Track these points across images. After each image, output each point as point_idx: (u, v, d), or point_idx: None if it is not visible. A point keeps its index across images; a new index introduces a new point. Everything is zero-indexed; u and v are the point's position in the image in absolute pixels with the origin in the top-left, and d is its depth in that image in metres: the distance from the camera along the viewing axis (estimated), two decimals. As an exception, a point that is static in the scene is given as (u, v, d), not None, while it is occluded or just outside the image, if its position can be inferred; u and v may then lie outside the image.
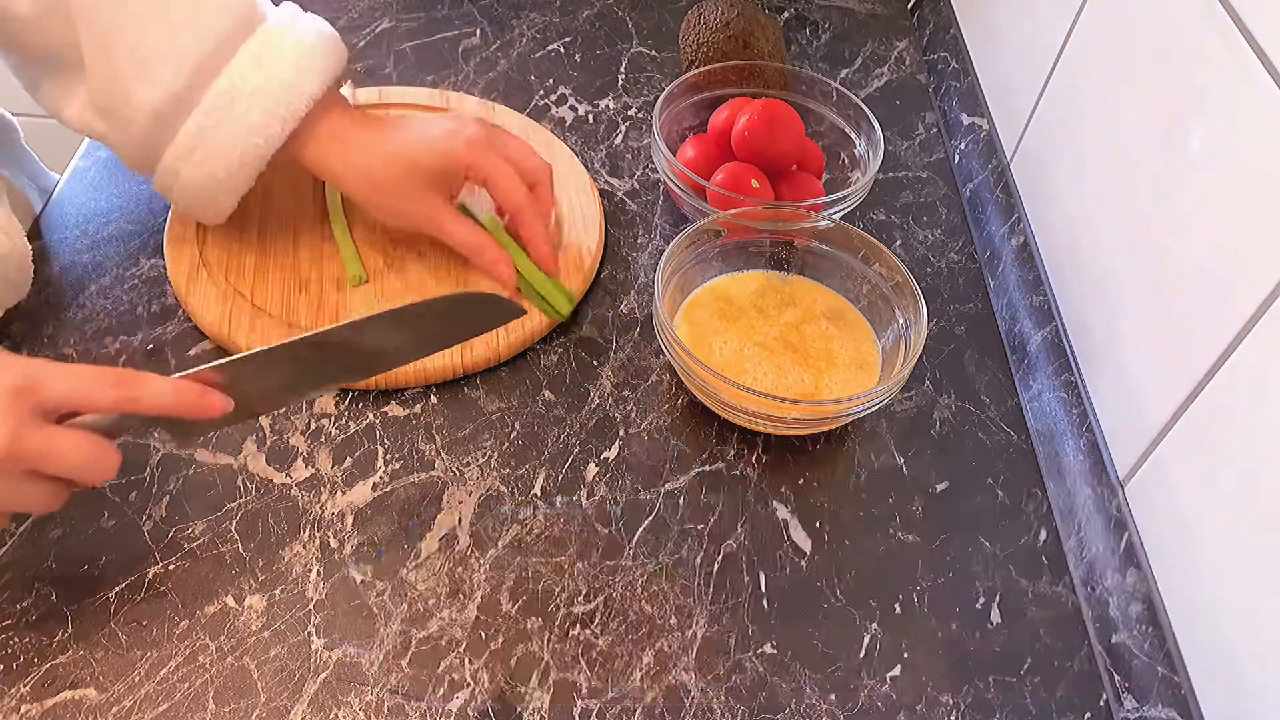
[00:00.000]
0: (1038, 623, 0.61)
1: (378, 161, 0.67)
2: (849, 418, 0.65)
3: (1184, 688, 0.53)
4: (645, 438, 0.67)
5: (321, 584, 0.58)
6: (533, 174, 0.70)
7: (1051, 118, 0.77)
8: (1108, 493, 0.62)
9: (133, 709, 0.52)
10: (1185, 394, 0.57)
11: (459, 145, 0.67)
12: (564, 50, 0.96)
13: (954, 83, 0.94)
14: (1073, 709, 0.57)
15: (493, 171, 0.68)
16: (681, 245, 0.69)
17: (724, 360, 0.68)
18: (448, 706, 0.54)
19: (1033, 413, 0.71)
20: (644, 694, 0.55)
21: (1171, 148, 0.60)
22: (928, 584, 0.62)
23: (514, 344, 0.69)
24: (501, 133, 0.70)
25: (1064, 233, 0.74)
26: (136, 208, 0.76)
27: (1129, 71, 0.66)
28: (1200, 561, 0.54)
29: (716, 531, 0.63)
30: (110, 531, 0.59)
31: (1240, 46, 0.54)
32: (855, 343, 0.71)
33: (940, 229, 0.83)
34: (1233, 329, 0.53)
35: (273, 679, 0.54)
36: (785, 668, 0.57)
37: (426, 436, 0.65)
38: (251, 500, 0.61)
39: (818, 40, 1.01)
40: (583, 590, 0.59)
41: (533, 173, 0.70)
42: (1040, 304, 0.73)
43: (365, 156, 0.67)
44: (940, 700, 0.57)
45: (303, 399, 0.66)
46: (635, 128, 0.89)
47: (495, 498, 0.63)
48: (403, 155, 0.67)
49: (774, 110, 0.77)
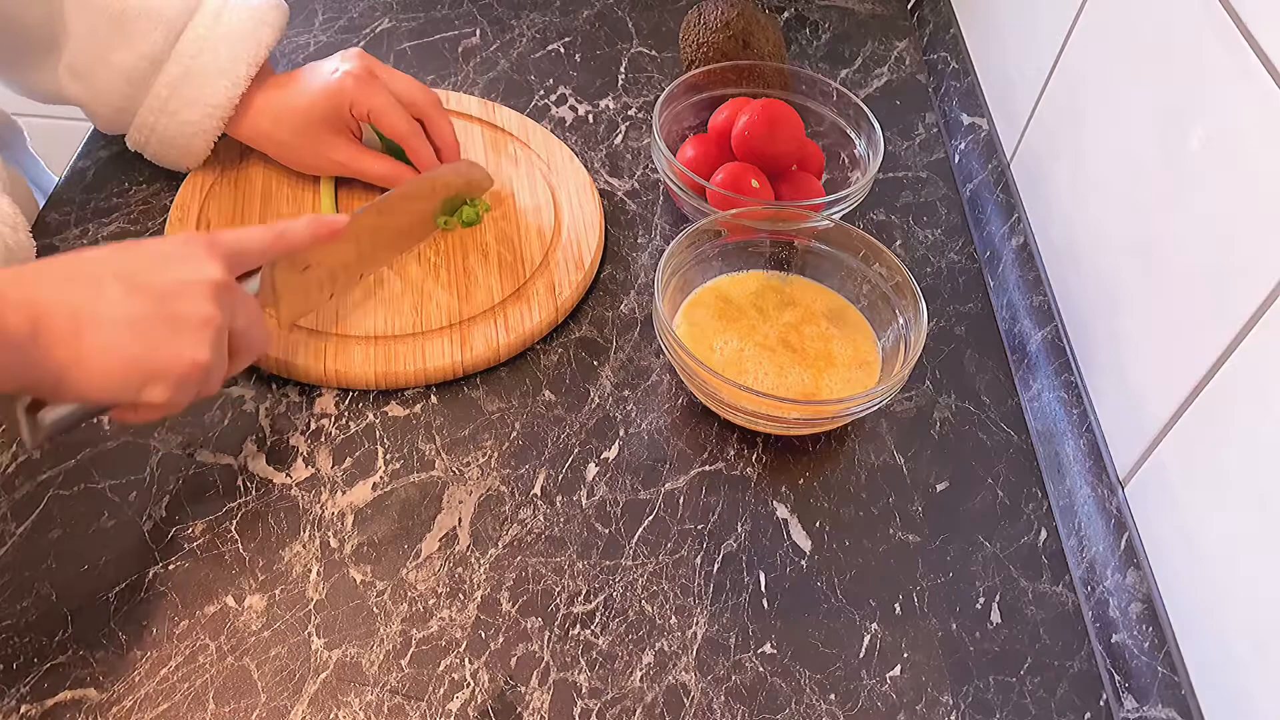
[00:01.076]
0: (1038, 623, 0.61)
1: (270, 123, 0.73)
2: (849, 418, 0.65)
3: (1184, 688, 0.53)
4: (645, 438, 0.67)
5: (321, 584, 0.58)
6: (422, 106, 0.74)
7: (1051, 118, 0.77)
8: (1108, 493, 0.62)
9: (133, 709, 0.52)
10: (1185, 394, 0.57)
11: (343, 85, 0.71)
12: (564, 50, 0.96)
13: (954, 83, 0.94)
14: (1073, 709, 0.57)
15: (375, 104, 0.71)
16: (681, 245, 0.69)
17: (724, 360, 0.68)
18: (448, 706, 0.54)
19: (1033, 413, 0.71)
20: (644, 694, 0.55)
21: (1171, 147, 0.60)
22: (928, 584, 0.62)
23: (514, 344, 0.69)
24: (385, 67, 0.74)
25: (1064, 233, 0.74)
26: (136, 208, 0.76)
27: (1129, 71, 0.66)
28: (1200, 561, 0.54)
29: (716, 531, 0.63)
30: (110, 531, 0.59)
31: (1240, 46, 0.54)
32: (855, 343, 0.71)
33: (940, 229, 0.83)
34: (1233, 329, 0.53)
35: (273, 679, 0.54)
36: (785, 668, 0.57)
37: (426, 436, 0.65)
38: (251, 500, 0.61)
39: (818, 40, 1.01)
40: (583, 590, 0.59)
41: (422, 105, 0.74)
42: (1040, 304, 0.73)
43: (262, 118, 0.72)
44: (940, 700, 0.57)
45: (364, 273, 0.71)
46: (635, 128, 0.89)
47: (495, 498, 0.63)
48: (293, 111, 0.72)
49: (774, 110, 0.77)
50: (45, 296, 0.47)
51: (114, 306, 0.48)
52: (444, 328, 0.69)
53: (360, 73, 0.71)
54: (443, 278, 0.72)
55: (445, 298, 0.71)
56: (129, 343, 0.48)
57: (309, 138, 0.73)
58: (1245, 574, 0.51)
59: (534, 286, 0.72)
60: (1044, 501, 0.66)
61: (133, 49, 0.68)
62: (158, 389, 0.49)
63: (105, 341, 0.47)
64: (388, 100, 0.72)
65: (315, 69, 0.73)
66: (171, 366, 0.49)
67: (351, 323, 0.68)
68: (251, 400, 0.66)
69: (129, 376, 0.48)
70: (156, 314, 0.48)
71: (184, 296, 0.49)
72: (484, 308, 0.70)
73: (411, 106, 0.73)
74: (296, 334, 0.67)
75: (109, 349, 0.47)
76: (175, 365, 0.49)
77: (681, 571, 0.61)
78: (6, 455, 0.61)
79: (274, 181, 0.77)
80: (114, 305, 0.48)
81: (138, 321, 0.48)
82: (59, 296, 0.47)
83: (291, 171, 0.77)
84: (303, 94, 0.72)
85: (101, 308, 0.47)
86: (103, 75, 0.69)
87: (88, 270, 0.49)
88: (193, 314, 0.49)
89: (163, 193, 0.77)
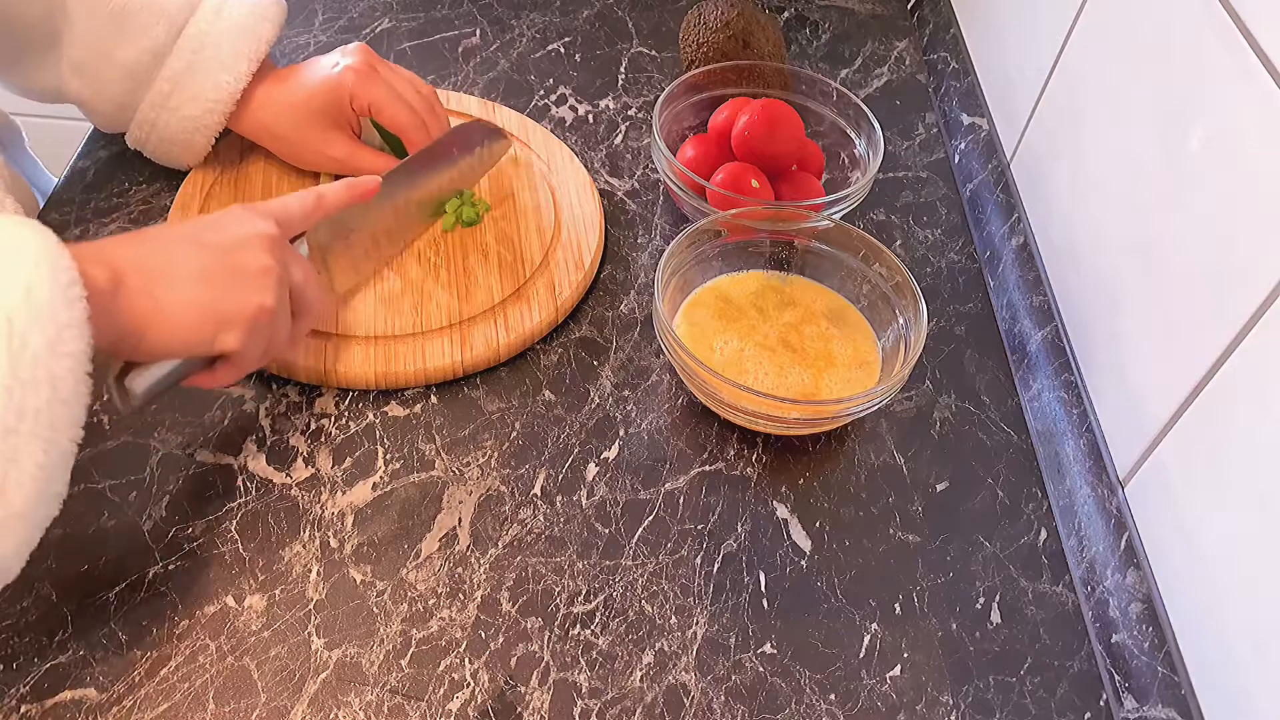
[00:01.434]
0: (1038, 623, 0.61)
1: (271, 116, 0.73)
2: (849, 418, 0.65)
3: (1184, 688, 0.53)
4: (645, 438, 0.67)
5: (321, 584, 0.58)
6: (419, 101, 0.74)
7: (1051, 118, 0.77)
8: (1108, 493, 0.62)
9: (133, 709, 0.52)
10: (1185, 394, 0.57)
11: (343, 78, 0.72)
12: (564, 50, 0.96)
13: (954, 83, 0.94)
14: (1073, 709, 0.57)
15: (375, 97, 0.72)
16: (681, 245, 0.69)
17: (724, 360, 0.68)
18: (448, 706, 0.54)
19: (1033, 413, 0.71)
20: (644, 694, 0.55)
21: (1171, 147, 0.60)
22: (928, 584, 0.62)
23: (514, 344, 0.69)
24: (385, 62, 0.75)
25: (1064, 233, 0.74)
26: (136, 208, 0.76)
27: (1129, 71, 0.66)
28: (1200, 561, 0.54)
29: (716, 531, 0.63)
30: (110, 531, 0.59)
31: (1240, 46, 0.54)
32: (855, 343, 0.71)
33: (940, 229, 0.83)
34: (1233, 329, 0.53)
35: (273, 679, 0.54)
36: (785, 668, 0.57)
37: (426, 436, 0.65)
38: (251, 500, 0.61)
39: (818, 40, 1.01)
40: (583, 590, 0.59)
41: (419, 100, 0.74)
42: (1040, 304, 0.73)
43: (263, 112, 0.73)
44: (940, 700, 0.57)
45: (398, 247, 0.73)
46: (635, 128, 0.89)
47: (495, 498, 0.63)
48: (292, 104, 0.73)
49: (774, 110, 0.77)
50: (121, 256, 0.51)
51: (183, 263, 0.53)
52: (444, 328, 0.69)
53: (361, 66, 0.72)
54: (443, 278, 0.72)
55: (445, 298, 0.71)
56: (200, 293, 0.52)
57: (308, 131, 0.73)
58: (1245, 574, 0.51)
59: (534, 286, 0.72)
60: (1044, 501, 0.66)
61: (135, 43, 0.68)
62: (230, 335, 0.53)
63: (179, 294, 0.52)
64: (389, 92, 0.72)
65: (316, 63, 0.74)
66: (241, 310, 0.54)
67: (351, 323, 0.68)
68: (251, 400, 0.66)
69: (204, 324, 0.53)
70: (221, 265, 0.53)
71: (243, 249, 0.54)
72: (484, 308, 0.70)
73: (411, 100, 0.74)
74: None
75: (183, 301, 0.52)
76: (244, 309, 0.54)
77: (681, 571, 0.61)
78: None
79: (274, 181, 0.77)
80: (183, 261, 0.53)
81: (205, 273, 0.53)
82: (133, 255, 0.51)
83: (291, 171, 0.77)
84: (303, 87, 0.72)
85: (172, 264, 0.52)
86: (105, 71, 0.69)
87: (154, 235, 0.54)
88: (252, 263, 0.54)
89: (163, 193, 0.77)
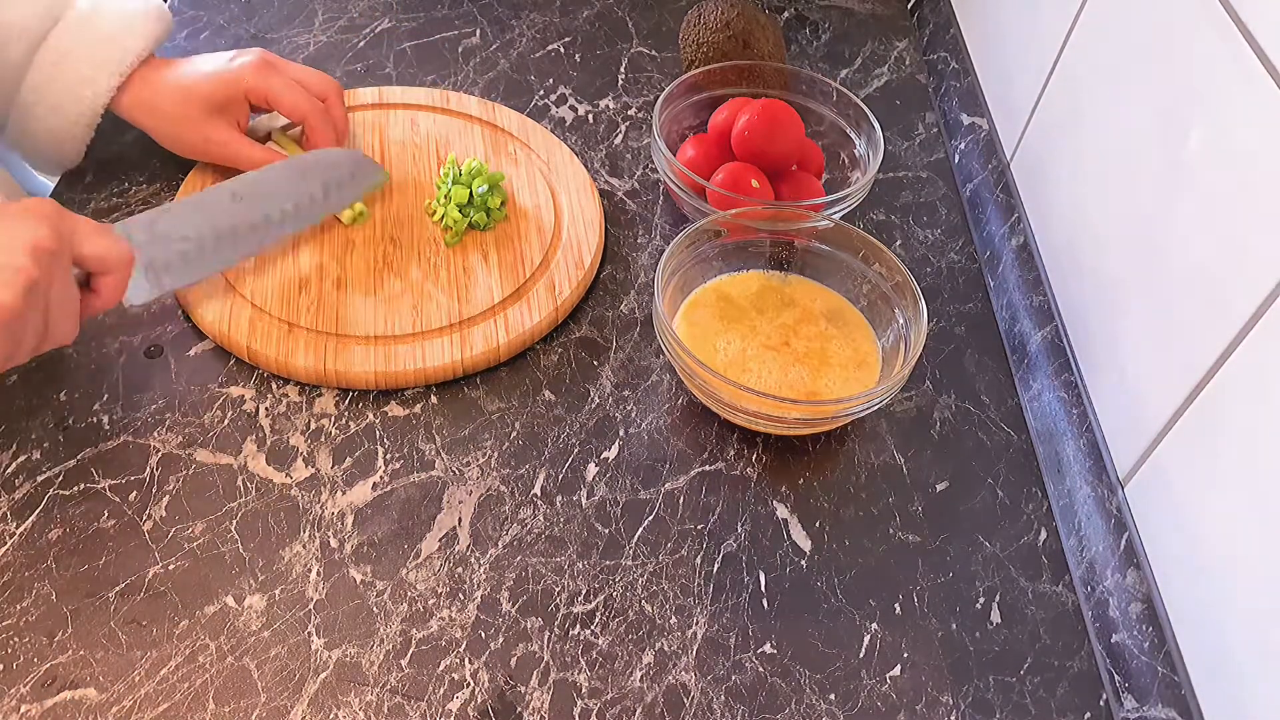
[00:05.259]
0: (1038, 623, 0.61)
1: (152, 93, 0.73)
2: (849, 418, 0.65)
3: (1184, 688, 0.53)
4: (645, 438, 0.67)
5: (321, 584, 0.58)
6: (320, 91, 0.75)
7: (1051, 118, 0.77)
8: (1108, 493, 0.62)
9: (133, 709, 0.52)
10: (1185, 394, 0.57)
11: (238, 71, 0.72)
12: (564, 50, 0.96)
13: (954, 83, 0.94)
14: (1073, 709, 0.57)
15: (273, 88, 0.72)
16: (681, 245, 0.69)
17: (724, 360, 0.68)
18: (448, 706, 0.54)
19: (1033, 413, 0.71)
20: (644, 694, 0.55)
21: (1171, 148, 0.60)
22: (928, 584, 0.62)
23: (514, 344, 0.69)
24: (284, 60, 0.75)
25: (1064, 233, 0.74)
26: (136, 208, 0.76)
27: (1129, 71, 0.66)
28: (1200, 561, 0.54)
29: (716, 531, 0.63)
30: (110, 531, 0.59)
31: (1240, 46, 0.54)
32: (855, 343, 0.71)
33: (940, 229, 0.83)
34: (1233, 329, 0.53)
35: (273, 679, 0.54)
36: (785, 668, 0.57)
37: (426, 436, 0.65)
38: (251, 500, 0.61)
39: (818, 40, 1.01)
40: (583, 590, 0.59)
41: (320, 90, 0.75)
42: (1040, 304, 0.73)
43: (145, 88, 0.73)
44: (940, 700, 0.57)
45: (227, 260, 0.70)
46: (635, 128, 0.89)
47: (495, 498, 0.63)
48: (179, 85, 0.73)
49: (774, 110, 0.77)
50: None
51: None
52: (444, 328, 0.69)
53: (258, 61, 0.73)
54: (442, 278, 0.72)
55: (445, 298, 0.71)
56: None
57: (192, 109, 0.73)
58: (1245, 573, 0.51)
59: (534, 286, 0.72)
60: (1044, 501, 0.66)
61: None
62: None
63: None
64: (286, 82, 0.73)
65: (212, 56, 0.74)
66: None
67: (351, 323, 0.68)
68: (251, 400, 0.66)
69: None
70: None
71: (5, 249, 0.53)
72: (484, 308, 0.70)
73: (311, 90, 0.74)
74: (296, 333, 0.67)
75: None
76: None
77: (681, 571, 0.61)
78: (7, 455, 0.61)
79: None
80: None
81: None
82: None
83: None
84: (194, 73, 0.73)
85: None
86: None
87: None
88: (7, 264, 0.53)
89: (162, 193, 0.77)
